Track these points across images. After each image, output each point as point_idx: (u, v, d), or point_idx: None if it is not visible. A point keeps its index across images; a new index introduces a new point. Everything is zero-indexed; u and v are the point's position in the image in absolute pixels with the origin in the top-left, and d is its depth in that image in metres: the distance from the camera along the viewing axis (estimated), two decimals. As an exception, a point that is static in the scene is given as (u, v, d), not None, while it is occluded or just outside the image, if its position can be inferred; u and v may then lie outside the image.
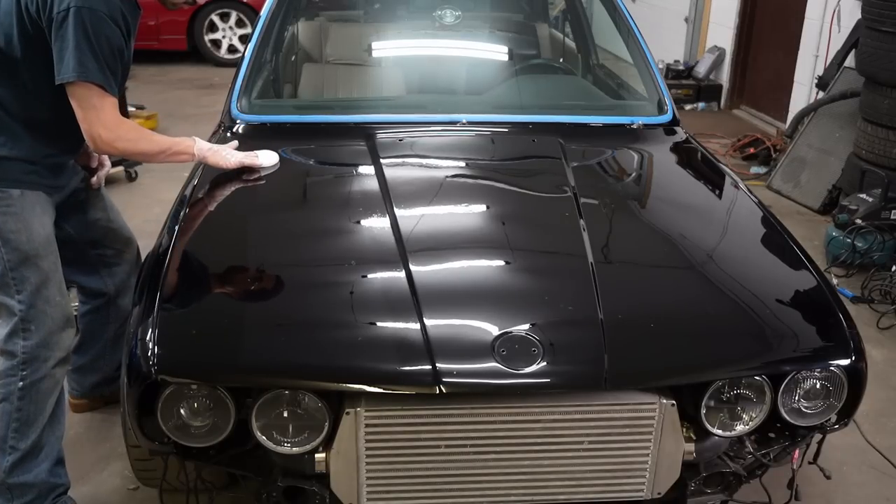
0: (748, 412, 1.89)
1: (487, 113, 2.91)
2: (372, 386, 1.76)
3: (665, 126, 2.94)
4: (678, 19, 8.10)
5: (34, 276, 2.16)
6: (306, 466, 1.84)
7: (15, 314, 2.16)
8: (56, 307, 2.21)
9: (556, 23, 4.47)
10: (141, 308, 1.91)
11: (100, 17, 2.02)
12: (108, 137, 2.13)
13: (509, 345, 1.79)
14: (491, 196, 2.45)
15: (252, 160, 2.46)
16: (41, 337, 2.18)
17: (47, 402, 2.23)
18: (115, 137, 2.15)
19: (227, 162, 2.41)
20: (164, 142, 2.34)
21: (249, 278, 2.07)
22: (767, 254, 2.30)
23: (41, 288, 2.17)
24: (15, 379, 2.17)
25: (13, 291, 2.15)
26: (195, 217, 2.27)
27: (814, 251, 3.30)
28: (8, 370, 2.18)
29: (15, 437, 2.19)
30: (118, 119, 2.16)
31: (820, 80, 5.52)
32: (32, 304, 2.16)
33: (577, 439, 1.82)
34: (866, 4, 4.32)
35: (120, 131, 2.16)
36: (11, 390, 2.17)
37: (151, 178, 5.15)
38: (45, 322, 2.18)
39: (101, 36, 2.03)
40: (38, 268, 2.17)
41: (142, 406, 1.78)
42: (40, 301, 2.17)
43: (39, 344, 2.18)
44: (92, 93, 2.07)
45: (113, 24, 2.06)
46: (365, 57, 3.50)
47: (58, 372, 2.25)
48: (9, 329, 2.17)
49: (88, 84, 2.05)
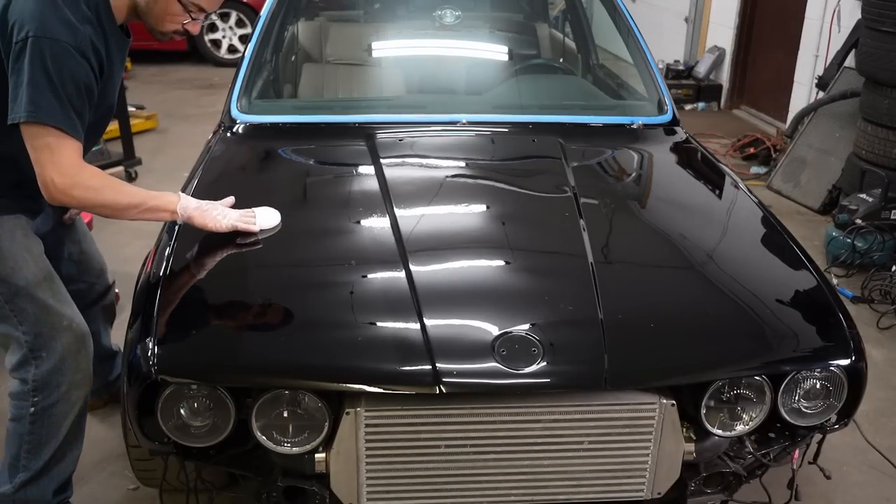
0: (748, 412, 1.89)
1: (487, 113, 2.91)
2: (372, 386, 1.76)
3: (665, 126, 2.94)
4: (678, 19, 8.10)
5: (31, 307, 2.05)
6: (306, 466, 1.84)
7: (22, 345, 2.06)
8: (65, 331, 2.09)
9: (556, 23, 4.47)
10: (141, 308, 1.91)
11: (62, 49, 1.81)
12: (63, 184, 1.88)
13: (509, 345, 1.79)
14: (491, 196, 2.45)
15: (248, 224, 2.10)
16: (53, 364, 2.09)
17: (62, 424, 2.15)
18: (72, 184, 1.89)
19: (216, 224, 2.07)
20: (136, 195, 2.02)
21: (249, 278, 2.07)
22: (767, 254, 2.30)
23: (43, 317, 2.06)
24: (27, 404, 2.10)
25: (15, 322, 2.05)
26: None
27: (814, 251, 3.30)
28: (20, 394, 2.11)
29: (27, 456, 2.14)
30: (77, 164, 1.90)
31: (820, 80, 5.52)
32: (38, 333, 2.06)
33: (577, 439, 1.82)
34: (866, 4, 4.32)
35: (78, 178, 1.90)
36: (23, 413, 2.11)
37: (152, 179, 5.15)
38: (55, 348, 2.08)
39: (63, 70, 1.82)
40: (33, 298, 2.05)
41: (142, 406, 1.78)
42: (45, 329, 2.07)
43: (52, 371, 2.09)
44: (45, 134, 1.84)
45: (79, 56, 1.85)
46: (365, 57, 3.50)
47: (73, 394, 2.14)
48: (19, 358, 2.08)
49: (41, 125, 1.83)
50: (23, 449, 2.14)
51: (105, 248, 2.67)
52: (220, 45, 8.78)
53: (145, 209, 2.02)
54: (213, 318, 1.95)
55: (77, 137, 1.89)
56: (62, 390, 2.11)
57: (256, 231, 2.11)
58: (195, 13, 2.04)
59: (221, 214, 2.09)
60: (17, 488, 2.16)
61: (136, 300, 1.98)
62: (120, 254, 3.88)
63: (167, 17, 2.02)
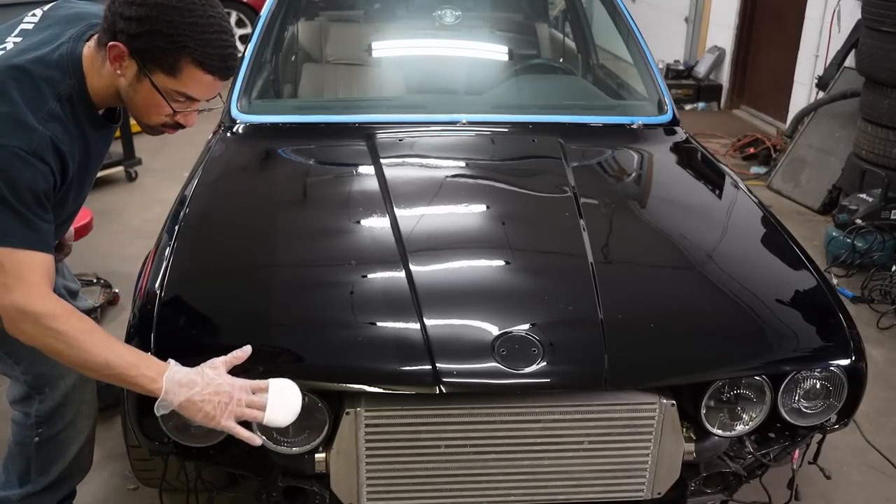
0: (748, 412, 1.89)
1: (487, 113, 2.91)
2: (372, 386, 1.76)
3: (665, 126, 2.94)
4: (678, 19, 8.09)
5: (24, 349, 1.75)
6: (306, 466, 1.84)
7: (22, 382, 1.99)
8: (66, 370, 1.96)
9: (556, 23, 4.47)
10: (141, 308, 1.91)
11: (14, 157, 1.56)
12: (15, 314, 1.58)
13: (509, 345, 1.79)
14: (491, 196, 2.45)
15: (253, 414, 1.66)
16: (57, 399, 2.01)
17: (69, 448, 2.10)
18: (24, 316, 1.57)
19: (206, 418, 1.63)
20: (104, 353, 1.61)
21: (249, 278, 2.07)
22: (767, 254, 2.30)
23: (39, 357, 1.78)
24: (31, 434, 2.04)
25: (11, 363, 1.97)
26: (195, 217, 2.27)
27: (814, 251, 3.30)
28: (23, 425, 2.04)
29: (37, 472, 2.11)
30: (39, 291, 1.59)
31: (820, 80, 5.52)
32: (37, 374, 1.98)
33: (577, 439, 1.82)
34: (866, 4, 4.32)
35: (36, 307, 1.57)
36: (28, 441, 2.05)
37: (151, 178, 5.15)
38: (58, 385, 2.00)
39: (16, 181, 1.56)
40: None
41: (142, 406, 1.77)
42: (45, 368, 1.97)
43: (56, 406, 2.01)
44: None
45: (38, 161, 1.59)
46: (365, 57, 3.50)
47: (80, 423, 2.08)
48: (22, 393, 2.01)
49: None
50: (32, 468, 2.10)
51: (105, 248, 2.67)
52: (220, 45, 8.79)
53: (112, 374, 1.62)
54: (213, 318, 1.95)
55: (40, 249, 1.61)
56: (67, 420, 2.06)
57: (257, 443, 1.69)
58: (181, 104, 1.69)
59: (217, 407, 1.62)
60: (22, 497, 2.13)
61: (136, 300, 1.98)
62: (120, 254, 3.88)
63: (151, 109, 1.71)
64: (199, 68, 1.63)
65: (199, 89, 1.68)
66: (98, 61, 1.69)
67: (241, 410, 1.64)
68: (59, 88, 1.67)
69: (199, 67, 1.63)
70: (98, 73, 1.70)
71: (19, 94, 1.61)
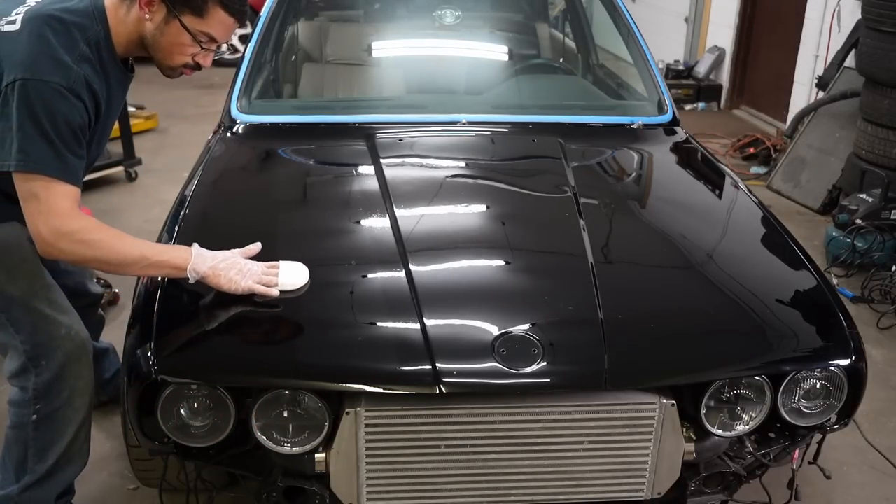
0: (748, 412, 1.89)
1: (487, 113, 2.91)
2: (372, 386, 1.76)
3: (665, 126, 2.94)
4: (678, 19, 8.10)
5: (27, 317, 1.99)
6: (306, 466, 1.84)
7: (21, 354, 2.02)
8: (65, 340, 2.04)
9: (556, 23, 4.47)
10: (141, 308, 1.91)
11: (53, 92, 1.73)
12: (50, 236, 1.76)
13: (509, 345, 1.79)
14: (491, 196, 2.45)
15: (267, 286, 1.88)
16: (54, 372, 2.04)
17: (66, 429, 2.12)
18: (60, 236, 1.76)
19: (231, 286, 1.86)
20: (137, 248, 1.83)
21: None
22: (767, 254, 2.30)
23: (41, 326, 2.01)
24: (28, 412, 2.06)
25: (12, 332, 2.01)
26: (195, 217, 2.27)
27: (814, 251, 3.30)
28: (21, 402, 2.07)
29: (34, 459, 2.12)
30: (67, 214, 1.77)
31: (820, 80, 5.52)
32: (36, 343, 2.02)
33: (577, 439, 1.82)
34: (866, 4, 4.32)
35: (68, 228, 1.77)
36: (25, 421, 2.07)
37: (151, 179, 5.15)
38: (55, 357, 2.04)
39: (56, 113, 1.73)
40: (29, 308, 2.00)
41: (142, 406, 1.77)
42: (44, 338, 2.02)
43: (53, 379, 2.05)
44: (33, 184, 1.75)
45: (73, 98, 1.76)
46: (365, 57, 3.50)
47: (77, 401, 2.11)
48: (18, 366, 2.04)
49: (29, 174, 1.74)
50: (29, 453, 2.12)
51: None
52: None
53: (148, 265, 1.84)
54: (213, 318, 1.94)
55: (72, 182, 1.78)
56: (64, 397, 2.09)
57: (275, 295, 1.88)
58: (206, 43, 1.91)
59: (239, 273, 1.87)
60: (22, 490, 2.14)
61: (136, 300, 1.98)
62: (120, 254, 3.87)
63: (175, 49, 1.90)
64: (224, 10, 1.87)
65: (220, 30, 1.91)
66: (122, 10, 1.89)
67: (258, 278, 1.88)
68: (87, 34, 1.84)
69: (223, 9, 1.87)
70: (122, 21, 1.89)
71: (55, 38, 1.78)
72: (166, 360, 1.77)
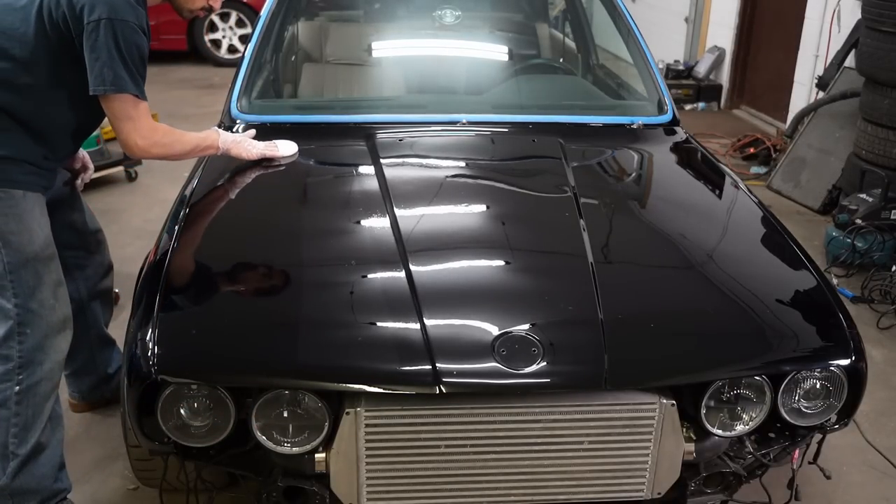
0: (748, 412, 1.89)
1: (487, 113, 2.91)
2: (372, 386, 1.76)
3: (665, 126, 2.94)
4: (678, 19, 8.10)
5: (31, 279, 2.13)
6: (306, 466, 1.84)
7: (10, 318, 2.11)
8: (51, 310, 2.18)
9: (556, 23, 4.47)
10: (141, 308, 1.91)
11: (131, 28, 2.05)
12: (145, 145, 2.20)
13: (509, 345, 1.79)
14: (491, 196, 2.45)
15: (272, 151, 2.53)
16: (37, 340, 2.14)
17: (45, 405, 2.19)
18: (151, 144, 2.21)
19: (248, 153, 2.48)
20: (192, 140, 2.39)
21: (249, 278, 2.07)
22: (767, 254, 2.30)
23: (36, 291, 2.14)
24: (11, 384, 2.12)
25: (9, 295, 2.10)
26: (195, 217, 2.27)
27: (814, 251, 3.30)
28: (3, 374, 2.13)
29: (14, 442, 2.16)
30: (152, 126, 2.22)
31: (820, 80, 5.52)
32: (28, 308, 2.12)
33: (577, 439, 1.82)
34: (866, 4, 4.32)
35: (155, 137, 2.23)
36: (8, 395, 2.13)
37: (151, 179, 5.15)
38: (40, 326, 2.15)
39: (132, 46, 2.07)
40: (35, 271, 2.13)
41: (142, 406, 1.78)
42: (35, 304, 2.14)
43: (35, 347, 2.14)
44: (127, 104, 2.12)
45: (141, 32, 2.10)
46: (365, 57, 3.50)
47: (55, 374, 2.22)
48: (3, 332, 2.12)
49: (124, 95, 2.10)
50: (10, 434, 2.15)
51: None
52: (220, 45, 8.78)
53: (200, 149, 2.42)
54: (213, 318, 1.95)
55: (146, 100, 2.18)
56: (45, 368, 2.17)
57: (280, 156, 2.53)
58: None
59: (251, 145, 2.49)
60: (11, 478, 2.17)
61: (136, 300, 1.98)
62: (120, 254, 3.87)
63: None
64: None
65: None
66: None
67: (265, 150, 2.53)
68: None
69: None
70: None
71: None
72: (166, 361, 1.77)
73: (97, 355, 2.73)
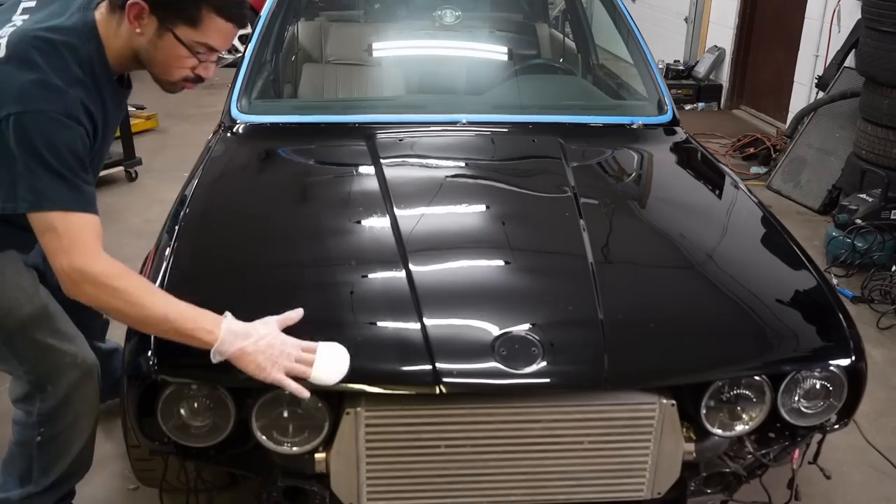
0: (748, 412, 1.89)
1: (487, 113, 2.91)
2: (372, 386, 1.76)
3: (665, 126, 2.94)
4: (678, 19, 8.10)
5: (30, 349, 1.94)
6: (306, 466, 1.84)
7: (25, 382, 1.99)
8: (70, 368, 1.99)
9: (556, 23, 4.47)
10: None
11: (51, 121, 1.61)
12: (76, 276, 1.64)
13: (509, 345, 1.79)
14: (491, 196, 2.45)
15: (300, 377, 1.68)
16: (59, 399, 2.01)
17: (70, 449, 2.10)
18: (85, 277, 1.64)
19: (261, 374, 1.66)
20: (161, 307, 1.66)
21: (249, 278, 2.07)
22: (767, 254, 2.30)
23: (44, 357, 1.96)
24: (32, 434, 2.04)
25: (15, 364, 1.98)
26: (195, 217, 2.27)
27: (814, 251, 3.31)
28: (25, 424, 2.04)
29: (39, 473, 2.10)
30: (95, 251, 1.66)
31: (820, 80, 5.52)
32: (41, 373, 1.98)
33: (577, 439, 1.82)
34: (866, 4, 4.32)
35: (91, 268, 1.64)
36: (30, 441, 2.05)
37: (151, 179, 5.16)
38: (61, 385, 2.00)
39: (57, 142, 1.62)
40: (31, 339, 1.94)
41: (142, 406, 1.78)
42: (48, 368, 1.98)
43: (59, 404, 2.01)
44: (51, 220, 1.64)
45: (74, 123, 1.65)
46: (365, 57, 3.50)
47: (81, 423, 2.08)
48: (24, 392, 2.01)
49: (43, 213, 1.64)
50: (34, 467, 2.10)
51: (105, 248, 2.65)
52: (220, 45, 8.77)
53: (170, 329, 1.66)
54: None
55: (90, 211, 1.69)
56: (69, 420, 2.07)
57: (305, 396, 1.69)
58: (204, 55, 1.75)
59: (269, 359, 1.66)
60: (22, 498, 2.13)
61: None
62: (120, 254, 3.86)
63: (173, 63, 1.75)
64: (220, 16, 1.71)
65: (219, 38, 1.75)
66: (113, 25, 1.74)
67: (290, 365, 1.67)
68: (79, 54, 1.71)
69: (219, 16, 1.71)
70: (114, 36, 1.75)
71: (44, 62, 1.66)
72: (166, 360, 1.76)
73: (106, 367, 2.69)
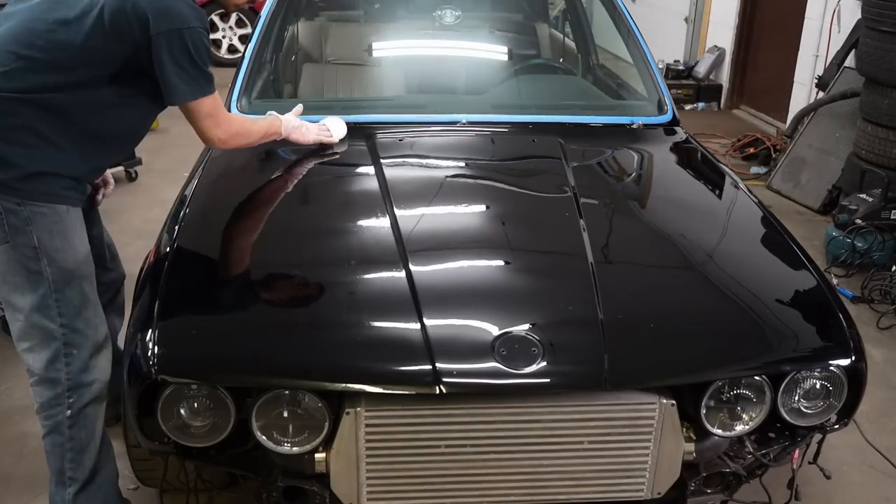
0: (748, 412, 1.89)
1: (487, 113, 2.91)
2: (372, 386, 1.76)
3: (665, 126, 2.94)
4: (678, 19, 8.10)
5: (76, 298, 2.06)
6: (306, 466, 1.84)
7: (56, 339, 2.04)
8: (94, 329, 2.11)
9: (556, 23, 4.47)
10: (141, 308, 1.91)
11: (198, 34, 2.05)
12: (226, 137, 2.26)
13: (509, 345, 1.79)
14: (491, 196, 2.45)
15: (326, 137, 2.63)
16: (83, 361, 2.08)
17: (96, 426, 2.14)
18: (231, 136, 2.28)
19: (304, 138, 2.58)
20: (261, 128, 2.45)
21: (249, 278, 2.07)
22: (767, 254, 2.30)
23: (81, 310, 2.07)
24: (62, 408, 2.07)
25: (54, 314, 2.03)
26: (195, 217, 2.27)
27: (814, 251, 3.30)
28: (53, 399, 2.07)
29: (71, 466, 2.11)
30: (228, 119, 2.29)
31: (820, 80, 5.52)
32: (74, 328, 2.06)
33: (577, 439, 1.82)
34: (866, 4, 4.32)
35: (233, 129, 2.29)
36: (60, 420, 2.07)
37: (151, 179, 5.15)
38: (86, 345, 2.08)
39: (202, 49, 2.07)
40: (80, 289, 2.07)
41: (142, 406, 1.78)
42: (80, 323, 2.07)
43: (82, 368, 2.08)
44: (204, 105, 2.14)
45: (206, 33, 2.11)
46: (365, 57, 3.50)
47: (103, 394, 2.14)
48: (50, 354, 2.04)
49: (202, 99, 2.12)
50: (66, 459, 2.11)
51: (105, 248, 2.67)
52: (220, 45, 8.77)
53: (268, 135, 2.47)
54: (213, 318, 1.95)
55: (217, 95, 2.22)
56: (94, 389, 2.10)
57: (335, 142, 2.64)
58: None
59: (307, 129, 2.60)
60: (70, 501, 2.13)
61: (136, 300, 1.98)
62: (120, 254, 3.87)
63: None
64: None
65: None
66: None
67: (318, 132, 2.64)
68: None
69: None
70: None
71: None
72: (166, 361, 1.77)
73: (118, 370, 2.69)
